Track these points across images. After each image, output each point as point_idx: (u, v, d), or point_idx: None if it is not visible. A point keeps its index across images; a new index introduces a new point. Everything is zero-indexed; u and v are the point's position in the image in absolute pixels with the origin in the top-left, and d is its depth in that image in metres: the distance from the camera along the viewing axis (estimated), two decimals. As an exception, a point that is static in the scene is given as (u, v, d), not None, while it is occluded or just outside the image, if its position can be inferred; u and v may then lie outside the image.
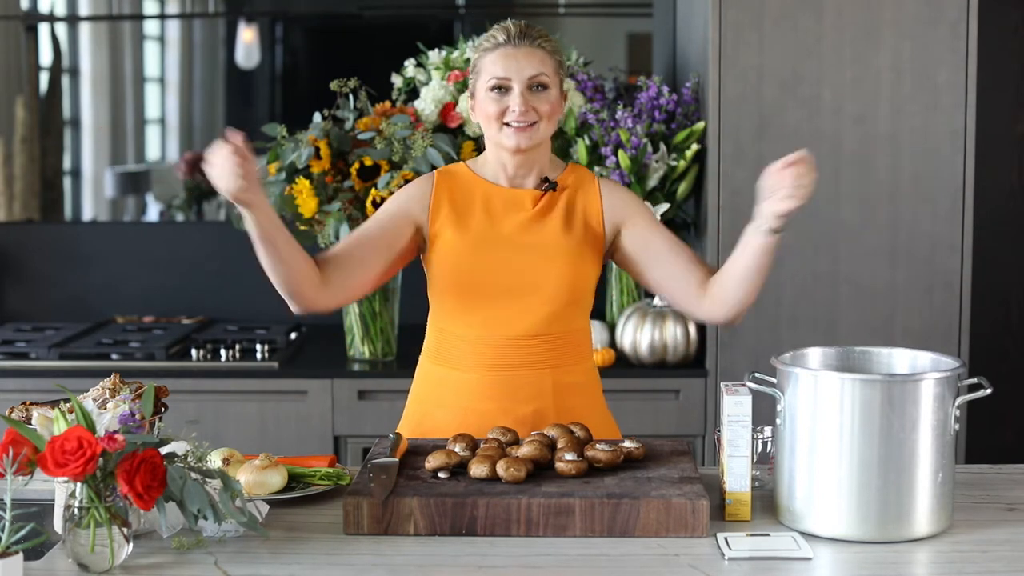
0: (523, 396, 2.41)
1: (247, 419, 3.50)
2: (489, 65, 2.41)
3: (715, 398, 3.47)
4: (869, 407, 1.95)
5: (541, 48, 2.41)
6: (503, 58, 2.39)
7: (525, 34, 2.41)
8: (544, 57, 2.40)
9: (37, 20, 4.32)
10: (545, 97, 2.39)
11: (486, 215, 2.43)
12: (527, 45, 2.40)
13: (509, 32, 2.41)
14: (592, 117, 3.57)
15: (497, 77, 2.39)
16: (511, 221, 2.43)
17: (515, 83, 2.38)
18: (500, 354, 2.41)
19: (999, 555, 1.91)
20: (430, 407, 2.47)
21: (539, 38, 2.42)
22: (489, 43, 2.43)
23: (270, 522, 2.03)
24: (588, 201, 2.46)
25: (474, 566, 1.86)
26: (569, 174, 2.49)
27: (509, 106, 2.38)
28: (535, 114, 2.38)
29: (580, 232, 2.44)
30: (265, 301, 4.12)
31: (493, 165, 2.47)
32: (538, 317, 2.41)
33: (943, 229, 3.43)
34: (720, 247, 3.43)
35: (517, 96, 2.37)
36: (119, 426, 1.85)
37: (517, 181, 2.46)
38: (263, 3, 4.41)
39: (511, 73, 2.38)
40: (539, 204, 2.44)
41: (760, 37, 3.40)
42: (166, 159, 4.41)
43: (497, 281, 2.40)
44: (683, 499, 1.97)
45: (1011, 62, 4.04)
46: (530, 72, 2.38)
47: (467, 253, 2.41)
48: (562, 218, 2.44)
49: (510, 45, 2.40)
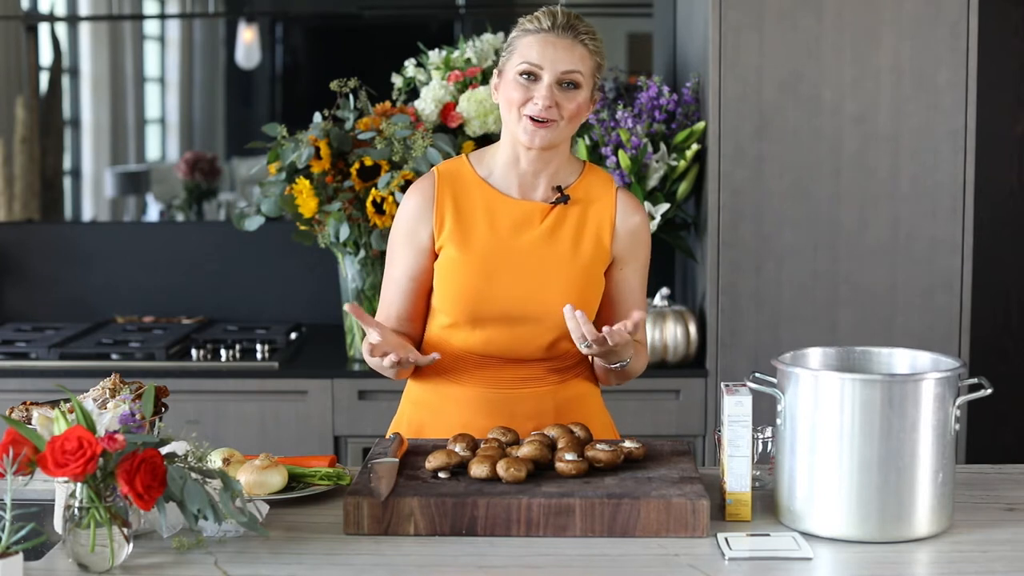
0: (523, 414, 2.35)
1: (247, 419, 3.50)
2: (525, 48, 2.28)
3: (715, 398, 3.47)
4: (869, 407, 1.95)
5: (583, 45, 2.28)
6: (541, 44, 2.26)
7: (571, 26, 2.28)
8: (584, 55, 2.28)
9: (37, 20, 4.32)
10: (573, 96, 2.27)
11: (491, 231, 2.32)
12: (570, 37, 2.27)
13: (555, 19, 2.28)
14: (592, 117, 3.57)
15: (529, 62, 2.26)
16: (518, 241, 2.32)
17: (546, 73, 2.25)
18: (500, 374, 2.35)
19: (999, 555, 1.91)
20: (425, 419, 2.42)
21: (585, 34, 2.28)
22: (532, 25, 2.30)
23: (270, 522, 2.03)
24: (602, 218, 2.35)
25: (474, 566, 1.86)
26: (584, 179, 2.38)
27: (533, 97, 2.26)
28: (557, 112, 2.26)
29: (590, 251, 2.34)
30: (265, 301, 4.16)
31: (504, 160, 2.35)
32: (542, 343, 2.34)
33: (943, 229, 3.43)
34: (720, 247, 3.43)
35: (544, 88, 2.25)
36: (119, 426, 1.85)
37: (528, 182, 2.34)
38: (263, 3, 4.41)
39: (545, 62, 2.25)
40: (548, 219, 2.33)
41: (760, 37, 3.40)
42: (166, 159, 4.41)
43: (501, 308, 2.30)
44: (683, 499, 1.97)
45: (1011, 62, 4.04)
46: (565, 67, 2.26)
47: (471, 275, 2.31)
48: (572, 237, 2.33)
49: (552, 33, 2.27)
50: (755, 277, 3.45)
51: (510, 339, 2.33)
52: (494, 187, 2.36)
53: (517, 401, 2.37)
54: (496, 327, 2.33)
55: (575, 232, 2.34)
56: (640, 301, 2.42)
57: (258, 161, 3.72)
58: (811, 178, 3.43)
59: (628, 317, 2.37)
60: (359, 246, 3.46)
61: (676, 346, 3.50)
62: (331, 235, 3.40)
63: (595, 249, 2.35)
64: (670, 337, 3.50)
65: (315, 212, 3.38)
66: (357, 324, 3.57)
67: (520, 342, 2.34)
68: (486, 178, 2.37)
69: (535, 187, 2.36)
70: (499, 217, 2.34)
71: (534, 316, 2.31)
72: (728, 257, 3.44)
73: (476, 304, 2.31)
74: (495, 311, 2.31)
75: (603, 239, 2.35)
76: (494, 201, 2.35)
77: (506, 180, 2.36)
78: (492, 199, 2.35)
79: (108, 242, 4.18)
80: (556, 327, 2.31)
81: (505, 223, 2.33)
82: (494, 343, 2.34)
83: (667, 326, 3.50)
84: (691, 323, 3.51)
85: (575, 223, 2.35)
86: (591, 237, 2.35)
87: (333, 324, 3.94)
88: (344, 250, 3.49)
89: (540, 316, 2.31)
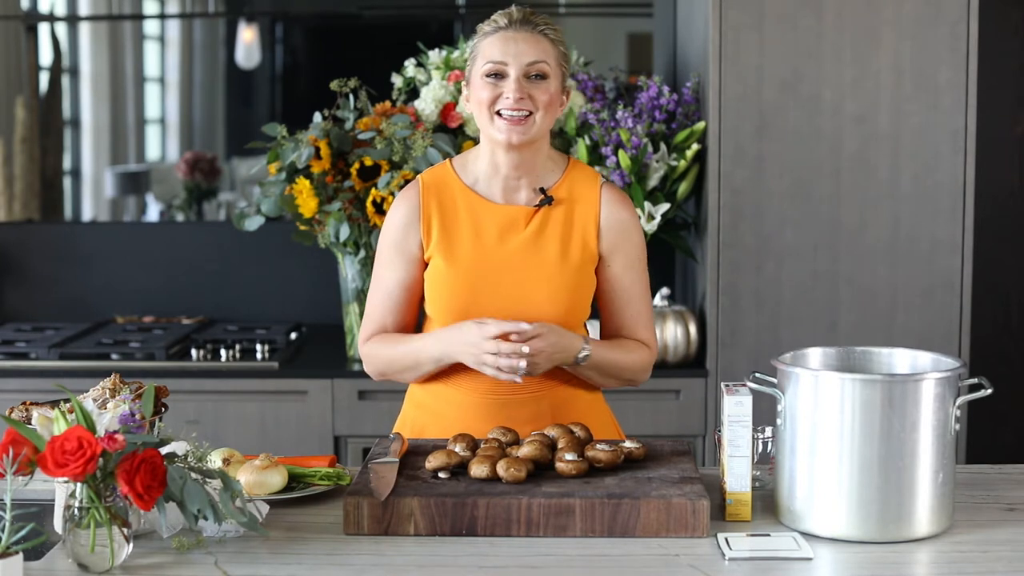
0: (521, 419, 2.35)
1: (247, 419, 3.50)
2: (487, 49, 2.30)
3: (715, 398, 3.47)
4: (869, 407, 1.94)
5: (544, 35, 2.30)
6: (502, 42, 2.28)
7: (528, 20, 2.30)
8: (547, 46, 2.29)
9: (37, 20, 4.32)
10: (544, 87, 2.28)
11: (476, 239, 2.33)
12: (529, 31, 2.29)
13: (511, 16, 2.30)
14: (592, 117, 3.57)
15: (493, 61, 2.27)
16: (505, 248, 2.32)
17: (512, 68, 2.27)
18: (498, 381, 2.32)
19: (999, 555, 1.91)
20: (427, 421, 2.42)
21: (544, 25, 2.30)
22: (490, 26, 2.32)
23: (270, 522, 2.03)
24: (587, 217, 2.35)
25: (474, 566, 1.86)
26: (568, 177, 2.38)
27: (503, 93, 2.27)
28: (531, 103, 2.27)
29: (577, 252, 2.34)
30: (265, 301, 4.16)
31: (485, 167, 2.36)
32: None
33: (943, 229, 3.43)
34: (720, 247, 3.43)
35: (512, 82, 2.26)
36: (119, 426, 1.85)
37: (511, 184, 2.35)
38: (263, 3, 4.41)
39: (508, 58, 2.27)
40: (533, 222, 2.34)
41: (760, 37, 3.40)
42: (166, 159, 4.41)
43: (491, 313, 2.30)
44: (683, 499, 1.97)
45: (1011, 62, 4.04)
46: (529, 58, 2.27)
47: (459, 284, 2.32)
48: (558, 238, 2.33)
49: (511, 29, 2.29)
50: (755, 277, 3.45)
51: None
52: (478, 194, 2.37)
53: (515, 406, 2.36)
54: None
55: (561, 233, 2.35)
56: (637, 298, 2.40)
57: (258, 161, 3.72)
58: (811, 178, 3.43)
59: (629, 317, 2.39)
60: (359, 246, 3.46)
61: (676, 346, 3.50)
62: (331, 235, 3.40)
63: (582, 249, 2.35)
64: (670, 337, 3.50)
65: (315, 212, 3.38)
66: (357, 324, 3.57)
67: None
68: (471, 186, 2.37)
69: (518, 190, 2.36)
70: (484, 224, 2.34)
71: (526, 317, 2.30)
72: (728, 257, 3.44)
73: (466, 316, 2.31)
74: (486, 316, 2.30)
75: (588, 238, 2.35)
76: (478, 207, 2.35)
77: (489, 187, 2.37)
78: (476, 205, 2.35)
79: (108, 242, 4.18)
80: None
81: (490, 230, 2.34)
82: None
83: (667, 326, 3.50)
84: (691, 323, 3.51)
85: (561, 224, 2.35)
86: (578, 237, 2.35)
87: (333, 324, 3.94)
88: (344, 250, 3.49)
89: (531, 317, 2.30)
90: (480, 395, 2.36)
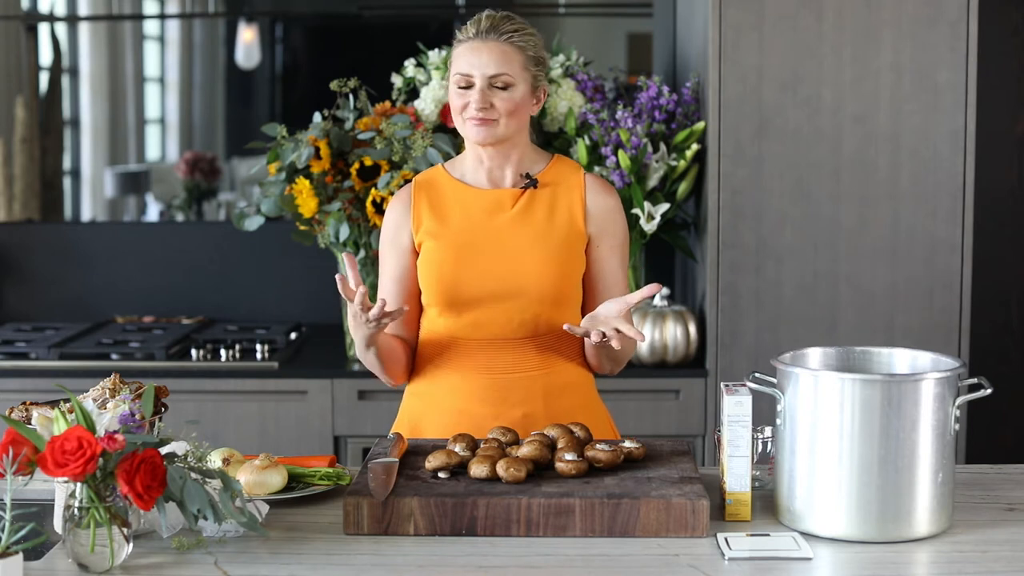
0: (514, 399, 2.40)
1: (247, 419, 3.50)
2: (458, 59, 2.41)
3: (715, 398, 3.47)
4: (869, 407, 1.95)
5: (510, 43, 2.38)
6: (469, 52, 2.39)
7: (495, 27, 2.39)
8: (511, 54, 2.38)
9: (37, 20, 4.32)
10: (506, 96, 2.37)
11: (465, 220, 2.42)
12: (493, 40, 2.38)
13: (480, 25, 2.40)
14: (592, 117, 3.57)
15: (461, 73, 2.39)
16: (492, 224, 2.41)
17: (476, 79, 2.37)
18: (489, 357, 2.41)
19: (999, 555, 1.91)
20: (424, 409, 2.47)
21: (510, 32, 2.39)
22: (462, 35, 2.43)
23: (270, 522, 2.03)
24: (572, 198, 2.44)
25: (474, 566, 1.86)
26: (552, 167, 2.47)
27: (469, 102, 2.38)
28: (495, 111, 2.37)
29: (563, 230, 2.42)
30: (265, 301, 4.16)
31: (472, 161, 2.46)
32: (524, 320, 2.40)
33: (943, 229, 3.43)
34: (720, 247, 3.43)
35: (476, 92, 2.37)
36: (119, 426, 1.85)
37: (496, 174, 2.45)
38: (263, 3, 4.41)
39: (473, 69, 2.37)
40: (519, 203, 2.43)
41: (760, 37, 3.40)
42: (166, 159, 4.41)
43: (481, 287, 2.39)
44: (683, 499, 1.97)
45: (1011, 62, 4.04)
46: (492, 71, 2.37)
47: (449, 261, 2.40)
48: (544, 216, 2.42)
49: (478, 39, 2.39)
50: (755, 277, 3.45)
51: (494, 319, 2.40)
52: (466, 183, 2.47)
53: (508, 387, 2.41)
54: (480, 308, 2.39)
55: (547, 211, 2.43)
56: (621, 282, 2.48)
57: (258, 161, 3.72)
58: (811, 178, 3.43)
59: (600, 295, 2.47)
60: (359, 246, 3.46)
61: (676, 346, 3.50)
62: (331, 235, 3.40)
63: (569, 227, 2.43)
64: (670, 337, 3.50)
65: (315, 212, 3.39)
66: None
67: (504, 320, 2.40)
68: (460, 179, 2.48)
69: (503, 177, 2.46)
70: (472, 206, 2.44)
71: (515, 291, 2.39)
72: (728, 257, 3.44)
73: (455, 286, 2.39)
74: (476, 291, 2.39)
75: (575, 218, 2.43)
76: (466, 194, 2.46)
77: (476, 176, 2.47)
78: (464, 192, 2.46)
79: (108, 242, 4.18)
80: (538, 300, 2.39)
81: (478, 210, 2.43)
82: (481, 325, 2.40)
83: (667, 326, 3.50)
84: (691, 323, 3.51)
85: (546, 204, 2.44)
86: (563, 216, 2.43)
87: (333, 324, 3.94)
88: (344, 250, 3.49)
89: (520, 290, 2.39)
90: (471, 376, 2.41)
